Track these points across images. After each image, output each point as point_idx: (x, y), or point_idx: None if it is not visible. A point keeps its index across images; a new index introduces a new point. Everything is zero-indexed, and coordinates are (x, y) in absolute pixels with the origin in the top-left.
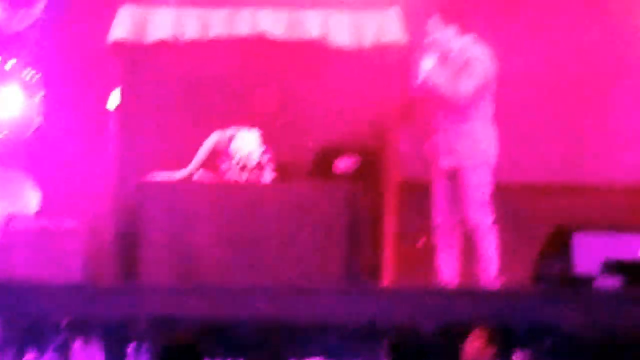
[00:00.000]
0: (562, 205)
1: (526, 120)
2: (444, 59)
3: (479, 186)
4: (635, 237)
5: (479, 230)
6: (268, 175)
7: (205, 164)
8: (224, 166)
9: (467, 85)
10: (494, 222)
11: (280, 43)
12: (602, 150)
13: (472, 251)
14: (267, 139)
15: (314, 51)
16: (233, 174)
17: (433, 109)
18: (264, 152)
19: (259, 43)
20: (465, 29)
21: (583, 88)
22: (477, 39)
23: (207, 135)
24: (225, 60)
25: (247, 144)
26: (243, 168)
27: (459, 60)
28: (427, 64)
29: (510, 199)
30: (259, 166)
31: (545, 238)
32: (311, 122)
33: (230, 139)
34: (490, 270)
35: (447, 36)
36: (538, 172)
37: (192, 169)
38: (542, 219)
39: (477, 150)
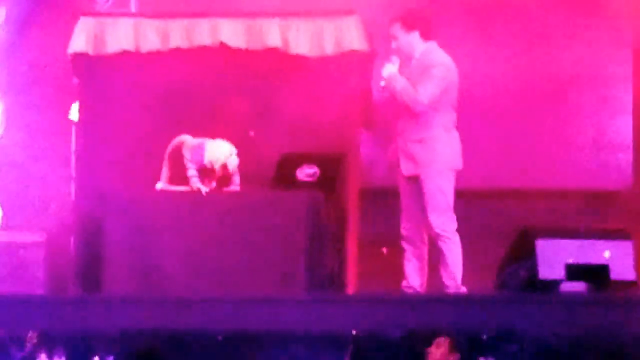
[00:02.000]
0: (525, 211)
1: (487, 127)
2: (405, 65)
3: (440, 194)
4: (597, 242)
5: (442, 237)
6: (231, 184)
7: (171, 165)
8: (190, 173)
9: (425, 92)
10: (457, 229)
11: (241, 52)
12: (558, 156)
13: (437, 257)
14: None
15: (275, 60)
16: (197, 183)
17: (394, 115)
18: (229, 162)
19: (220, 53)
20: (427, 36)
21: (539, 97)
22: (439, 46)
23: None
24: (186, 70)
25: (218, 152)
26: (208, 175)
27: (419, 66)
28: (388, 70)
29: (474, 206)
30: (223, 175)
31: (509, 244)
32: (273, 130)
33: (195, 147)
34: (455, 276)
35: (409, 42)
36: (499, 178)
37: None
38: (504, 224)
39: (437, 157)
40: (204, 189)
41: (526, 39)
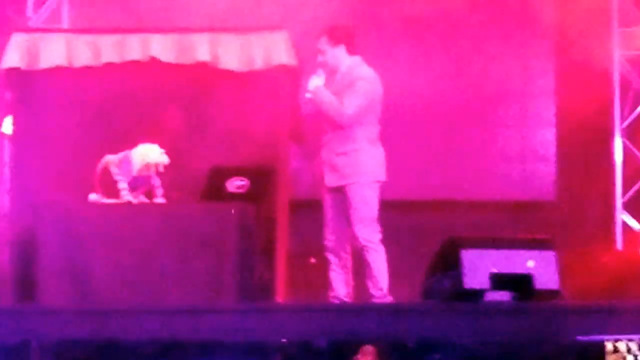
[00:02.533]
0: (450, 221)
1: (413, 140)
2: (330, 78)
3: (365, 205)
4: (521, 252)
5: (367, 248)
6: (160, 196)
7: (102, 188)
8: (120, 186)
9: (350, 105)
10: (382, 240)
11: (172, 66)
12: (484, 168)
13: (362, 267)
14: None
15: (205, 74)
16: (128, 196)
17: (319, 128)
18: (157, 173)
19: (151, 67)
20: (352, 50)
21: (467, 110)
22: (364, 60)
23: (100, 159)
24: (118, 85)
25: (146, 156)
26: (139, 187)
27: (345, 80)
28: (315, 83)
29: (398, 216)
30: (152, 187)
31: (434, 254)
32: (204, 143)
33: (123, 159)
34: (381, 286)
35: (335, 56)
36: (424, 189)
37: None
38: (429, 235)
39: (360, 168)
40: (134, 201)
41: (456, 53)
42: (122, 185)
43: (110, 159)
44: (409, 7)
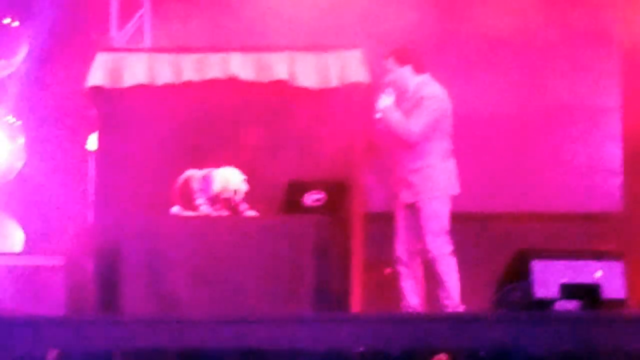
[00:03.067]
0: (520, 232)
1: (485, 153)
2: (400, 97)
3: (436, 217)
4: (589, 263)
5: (438, 259)
6: (242, 210)
7: (182, 202)
8: (198, 202)
9: (417, 123)
10: (453, 251)
11: (251, 84)
12: (553, 181)
13: (435, 278)
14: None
15: (283, 91)
16: (207, 210)
17: (392, 145)
18: (239, 188)
19: (231, 85)
20: (419, 69)
21: (535, 124)
22: (432, 78)
23: (181, 174)
24: (198, 102)
25: (227, 180)
26: (218, 203)
27: (412, 99)
28: (384, 102)
29: (472, 228)
30: (233, 201)
31: (505, 265)
32: (281, 158)
33: (205, 177)
34: (453, 296)
35: (403, 76)
36: (497, 202)
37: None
38: (501, 246)
39: (433, 184)
40: (213, 214)
41: (527, 68)
42: (200, 200)
43: (191, 174)
44: (482, 24)
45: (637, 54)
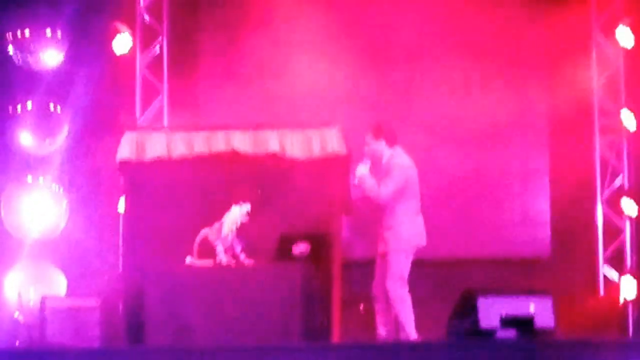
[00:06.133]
0: (468, 275)
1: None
2: (376, 166)
3: (397, 266)
4: (524, 298)
5: (394, 299)
6: (242, 259)
7: (202, 253)
8: (218, 249)
9: (387, 189)
10: (407, 292)
11: (248, 156)
12: (494, 232)
13: None
14: (243, 230)
15: (275, 162)
16: (224, 256)
17: (370, 206)
18: (239, 241)
19: (232, 157)
20: (391, 143)
21: (479, 186)
22: (401, 150)
23: (194, 230)
24: (206, 171)
25: (232, 218)
26: (226, 251)
27: (385, 167)
28: (361, 171)
29: (426, 271)
30: (235, 253)
31: (456, 301)
32: (274, 216)
33: (217, 229)
34: (406, 329)
35: (378, 148)
36: (446, 249)
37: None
38: (454, 286)
39: (399, 238)
40: (224, 261)
41: (471, 141)
42: (220, 248)
43: (206, 231)
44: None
45: (561, 126)
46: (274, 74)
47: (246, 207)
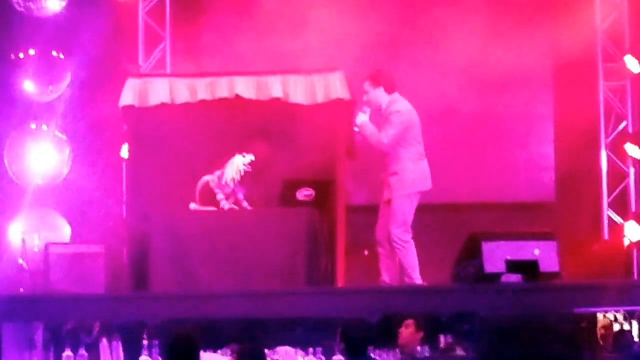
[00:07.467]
0: (472, 219)
1: (444, 156)
2: (376, 113)
3: (401, 212)
4: (529, 243)
5: (398, 245)
6: (245, 206)
7: (203, 200)
8: (219, 197)
9: (387, 135)
10: (411, 239)
11: (252, 102)
12: (500, 177)
13: None
14: (246, 177)
15: (278, 107)
16: (226, 204)
17: (373, 152)
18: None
19: (236, 103)
20: (390, 90)
21: (485, 131)
22: (400, 96)
23: (198, 177)
24: (210, 117)
25: (233, 167)
26: (231, 197)
27: (385, 114)
28: (361, 118)
29: (434, 216)
30: (238, 199)
31: (460, 246)
32: (278, 161)
33: (219, 176)
34: (411, 275)
35: (377, 96)
36: (453, 194)
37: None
38: (456, 230)
39: (404, 183)
40: (227, 207)
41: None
42: (220, 196)
43: (208, 178)
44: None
45: (565, 71)
46: (279, 21)
47: (250, 158)
